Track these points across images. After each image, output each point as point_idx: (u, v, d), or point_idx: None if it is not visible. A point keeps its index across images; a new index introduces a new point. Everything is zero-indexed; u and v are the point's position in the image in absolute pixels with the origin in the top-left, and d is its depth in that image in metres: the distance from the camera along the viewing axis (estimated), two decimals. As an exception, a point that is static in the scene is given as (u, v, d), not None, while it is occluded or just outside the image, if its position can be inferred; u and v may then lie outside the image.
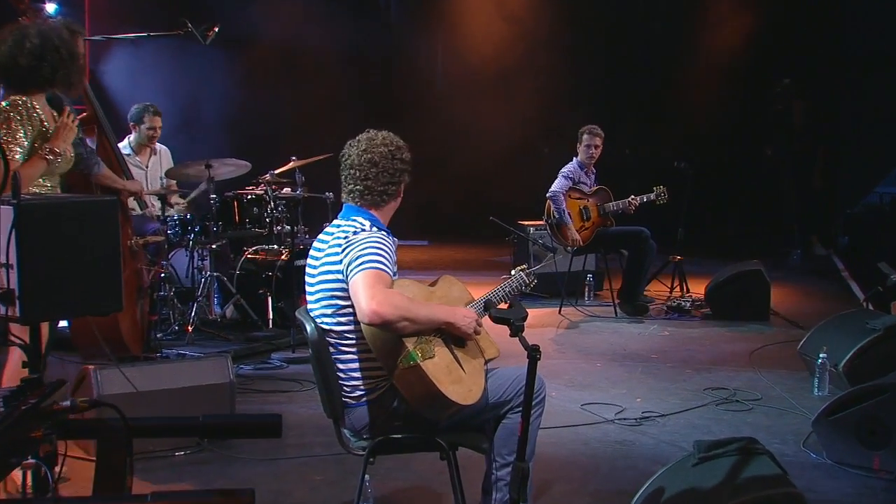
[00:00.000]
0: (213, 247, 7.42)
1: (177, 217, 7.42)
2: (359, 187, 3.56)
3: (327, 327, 3.48)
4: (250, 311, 7.46)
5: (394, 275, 3.37)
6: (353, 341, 3.44)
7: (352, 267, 3.31)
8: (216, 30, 7.24)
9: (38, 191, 4.40)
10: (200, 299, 7.30)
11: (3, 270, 2.47)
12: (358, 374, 3.45)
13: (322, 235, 3.60)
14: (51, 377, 2.22)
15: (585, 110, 12.18)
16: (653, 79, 13.89)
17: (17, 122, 4.25)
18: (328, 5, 12.87)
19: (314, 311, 3.53)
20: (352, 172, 3.58)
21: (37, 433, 1.72)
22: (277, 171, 7.77)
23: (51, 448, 1.79)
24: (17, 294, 2.44)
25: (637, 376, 6.56)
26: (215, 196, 7.33)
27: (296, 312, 3.61)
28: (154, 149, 7.69)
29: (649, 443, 5.16)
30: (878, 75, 12.52)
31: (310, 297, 3.56)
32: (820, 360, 5.97)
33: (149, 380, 4.78)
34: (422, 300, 3.42)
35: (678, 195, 8.98)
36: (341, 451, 4.43)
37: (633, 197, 8.66)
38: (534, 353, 2.96)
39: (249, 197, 7.65)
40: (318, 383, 3.52)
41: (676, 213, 9.10)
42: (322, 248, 3.53)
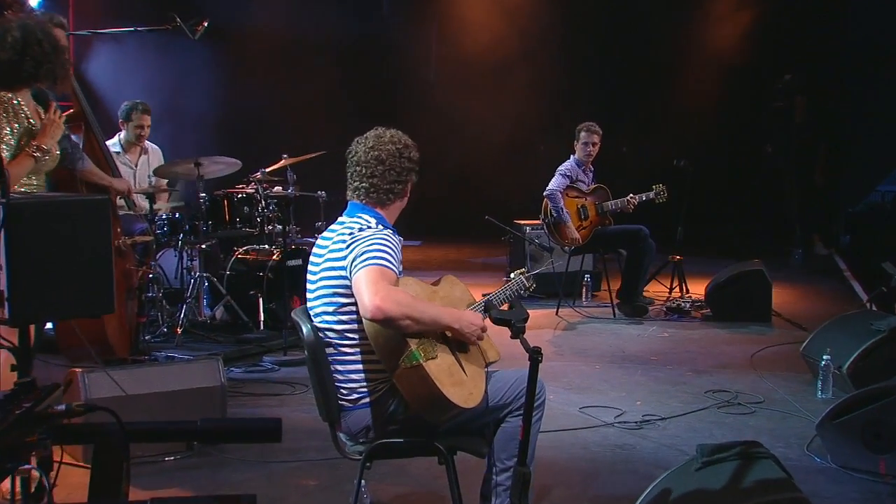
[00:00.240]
0: (203, 247, 7.40)
1: (165, 216, 7.40)
2: (364, 185, 3.57)
3: (327, 325, 3.47)
4: (241, 312, 7.44)
5: (399, 273, 3.37)
6: (354, 341, 3.43)
7: (356, 263, 3.31)
8: (205, 24, 7.22)
9: (23, 189, 4.38)
10: (190, 300, 7.28)
11: (-8, 271, 2.46)
12: (356, 376, 3.44)
13: (326, 233, 3.61)
14: (36, 381, 2.21)
15: (582, 107, 12.19)
16: (651, 74, 13.88)
17: (3, 119, 4.23)
18: (319, -1, 12.91)
19: (314, 308, 3.52)
20: (358, 170, 3.58)
21: (32, 438, 1.72)
22: (268, 170, 7.75)
23: (46, 453, 1.79)
24: (5, 295, 2.43)
25: (636, 379, 6.57)
26: (205, 195, 7.31)
27: (292, 313, 3.60)
28: (144, 147, 7.67)
29: (650, 447, 5.16)
30: (881, 70, 12.53)
31: (310, 294, 3.56)
32: (823, 362, 5.98)
33: (138, 383, 4.76)
34: (425, 299, 3.42)
35: (677, 193, 8.99)
36: (335, 456, 4.42)
37: (631, 195, 8.67)
38: (535, 355, 2.96)
39: (240, 196, 7.62)
40: (313, 386, 3.51)
41: (676, 211, 9.11)
42: (325, 245, 3.53)
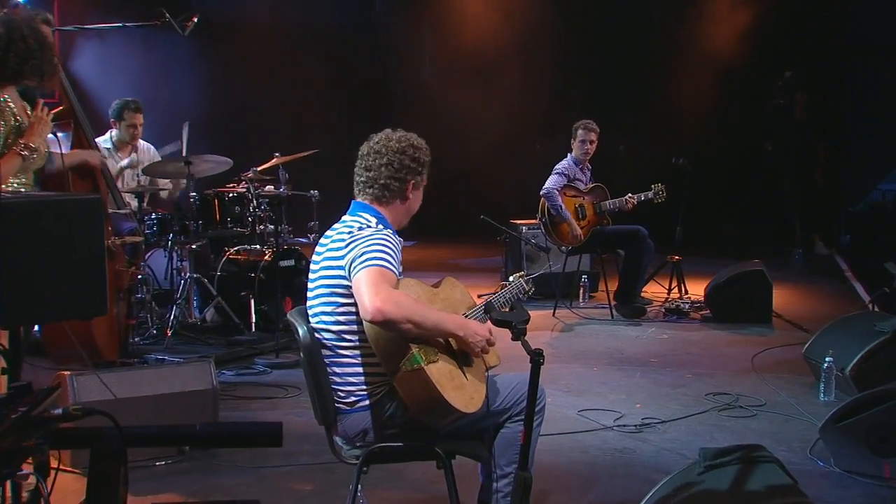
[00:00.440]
0: (193, 247, 7.39)
1: (154, 216, 7.39)
2: (363, 178, 3.59)
3: (324, 326, 3.46)
4: (232, 314, 7.44)
5: (399, 275, 3.36)
6: (352, 343, 3.42)
7: (355, 264, 3.30)
8: (195, 20, 7.19)
9: (12, 187, 4.36)
10: (179, 302, 7.27)
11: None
12: (354, 378, 3.43)
13: (328, 232, 3.60)
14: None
15: (579, 104, 12.22)
16: (650, 71, 13.90)
17: (-9, 117, 4.21)
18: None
19: (312, 308, 3.52)
20: (359, 163, 3.62)
21: (29, 442, 1.71)
22: (260, 168, 7.74)
23: (43, 458, 1.78)
24: (-4, 297, 2.42)
25: (636, 381, 6.57)
26: (195, 194, 7.30)
27: (287, 315, 3.59)
28: (136, 146, 7.65)
29: (650, 450, 5.16)
30: (882, 67, 12.55)
31: (309, 293, 3.55)
32: (826, 364, 5.98)
33: (128, 386, 4.75)
34: (425, 301, 3.41)
35: (676, 193, 8.99)
36: (329, 460, 4.42)
37: (630, 195, 8.68)
38: (537, 358, 2.96)
39: (231, 195, 7.60)
40: (309, 388, 3.50)
41: (674, 211, 9.12)
42: (325, 244, 3.53)
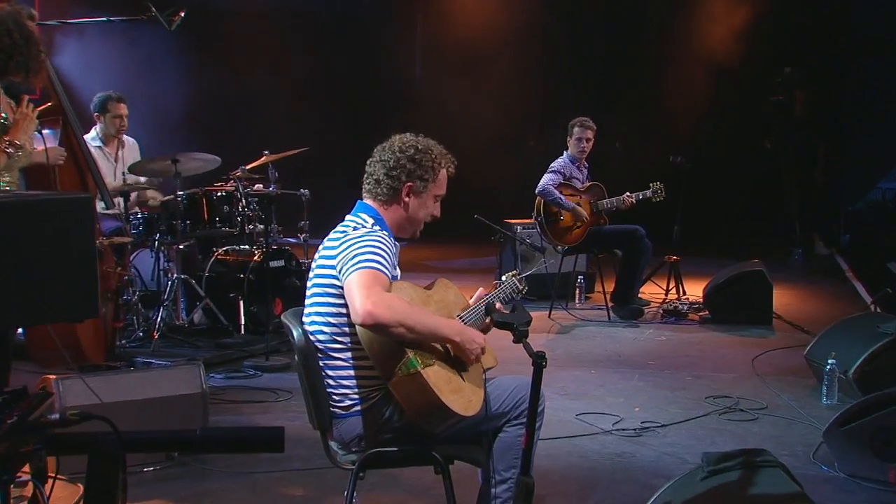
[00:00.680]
0: (181, 247, 7.37)
1: (141, 216, 7.36)
2: (365, 175, 3.62)
3: (318, 328, 3.45)
4: (220, 316, 7.41)
5: (393, 278, 3.35)
6: (345, 345, 3.41)
7: (348, 265, 3.29)
8: (182, 15, 7.19)
9: (-2, 186, 4.35)
10: (167, 304, 7.24)
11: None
12: (348, 381, 3.42)
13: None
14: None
15: (574, 101, 12.23)
16: (646, 67, 13.91)
17: (-26, 114, 4.20)
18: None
19: (307, 309, 3.51)
20: (367, 163, 3.62)
21: (27, 448, 1.70)
22: (249, 167, 7.72)
23: (40, 464, 1.77)
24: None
25: (634, 384, 6.58)
26: (182, 193, 7.28)
27: (282, 316, 3.58)
28: (122, 140, 7.61)
29: (650, 455, 5.16)
30: (883, 64, 12.60)
31: (308, 293, 3.55)
32: (828, 367, 5.99)
33: (115, 390, 4.73)
34: (419, 304, 3.41)
35: (674, 191, 9.00)
36: (322, 465, 4.43)
37: (628, 194, 8.67)
38: (539, 360, 2.96)
39: (219, 194, 7.57)
40: (304, 392, 3.49)
41: (672, 210, 9.13)
42: (323, 244, 3.53)
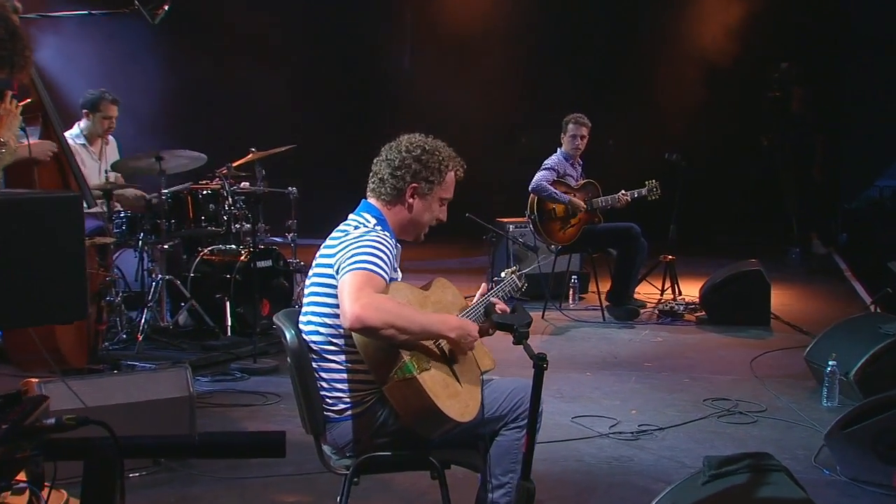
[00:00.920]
0: (165, 247, 7.34)
1: (124, 215, 7.33)
2: (370, 173, 3.62)
3: (314, 328, 3.44)
4: (206, 317, 7.40)
5: (390, 280, 3.34)
6: (340, 348, 3.40)
7: (344, 265, 3.28)
8: (166, 8, 7.15)
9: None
10: (151, 305, 7.20)
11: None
12: (343, 385, 3.41)
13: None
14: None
15: (566, 97, 12.22)
16: (640, 63, 13.92)
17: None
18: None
19: (304, 308, 3.51)
20: (373, 161, 3.63)
21: (23, 454, 1.69)
22: (235, 164, 7.71)
23: (38, 470, 1.76)
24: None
25: (630, 386, 6.59)
26: (167, 191, 7.25)
27: (274, 318, 3.57)
28: (107, 140, 7.59)
29: (648, 458, 5.16)
30: (883, 58, 12.63)
31: (305, 292, 3.54)
32: (829, 368, 6.01)
33: (99, 394, 4.70)
34: (416, 305, 3.40)
35: (670, 189, 9.02)
36: (312, 470, 4.42)
37: (623, 192, 8.68)
38: (540, 362, 2.95)
39: (205, 192, 7.56)
40: (297, 395, 3.48)
41: (667, 208, 9.15)
42: (325, 243, 3.52)
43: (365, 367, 3.33)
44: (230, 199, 7.55)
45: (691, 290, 9.33)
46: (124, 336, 7.12)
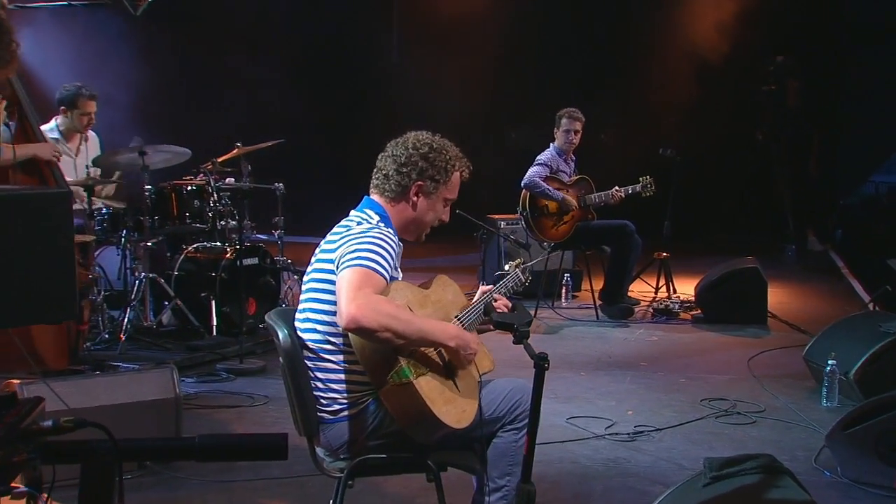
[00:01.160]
0: (148, 244, 7.33)
1: (105, 211, 7.30)
2: (374, 169, 3.61)
3: (311, 325, 3.43)
4: (191, 316, 7.37)
5: (390, 279, 3.32)
6: (338, 347, 3.38)
7: (344, 260, 3.27)
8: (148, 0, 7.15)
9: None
10: (134, 304, 7.19)
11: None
12: (338, 385, 3.39)
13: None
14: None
15: (557, 90, 12.23)
16: (633, 55, 13.92)
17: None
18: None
19: (301, 305, 3.50)
20: (378, 157, 3.62)
21: (20, 457, 1.67)
22: (220, 159, 7.70)
23: (35, 475, 1.74)
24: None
25: (626, 386, 6.60)
26: (150, 187, 7.23)
27: (266, 316, 3.55)
28: (85, 135, 7.56)
29: (645, 460, 5.17)
30: (880, 50, 12.67)
31: (303, 287, 3.53)
32: (828, 368, 6.01)
33: (82, 395, 4.67)
34: (416, 305, 3.38)
35: (664, 185, 9.02)
36: (303, 473, 4.42)
37: (616, 188, 8.68)
38: (541, 362, 2.94)
39: (189, 188, 7.54)
40: (289, 397, 3.46)
41: (661, 205, 9.15)
42: (325, 239, 3.51)
43: (362, 369, 3.31)
44: (215, 196, 7.54)
45: (686, 288, 9.35)
46: (106, 336, 7.10)
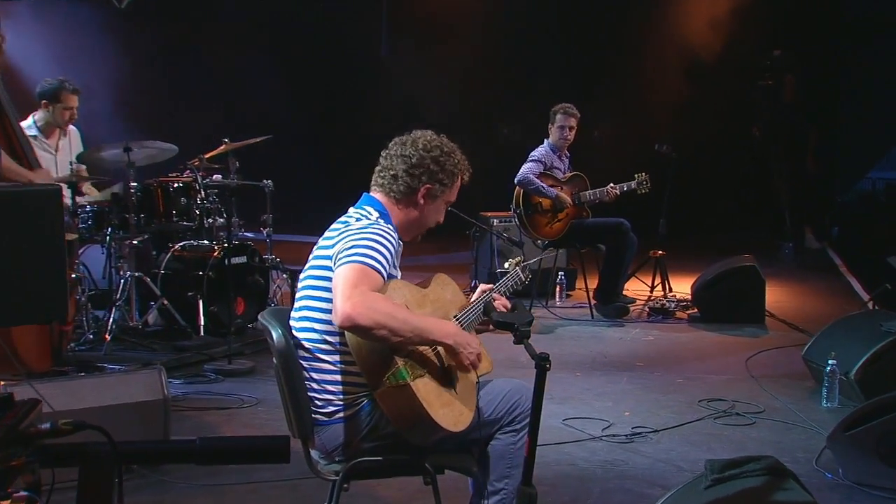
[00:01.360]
0: (134, 242, 7.30)
1: (90, 209, 7.27)
2: (378, 167, 3.61)
3: (308, 324, 3.41)
4: (178, 316, 7.36)
5: (388, 276, 3.31)
6: (334, 347, 3.37)
7: (341, 255, 3.26)
8: (134, -8, 7.12)
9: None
10: (119, 304, 7.16)
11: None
12: (334, 386, 3.38)
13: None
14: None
15: (550, 85, 12.23)
16: (627, 50, 13.93)
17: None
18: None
19: (297, 303, 3.49)
20: (382, 153, 3.62)
21: (19, 460, 1.66)
22: (208, 156, 7.67)
23: (34, 478, 1.73)
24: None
25: (622, 387, 6.60)
26: (136, 184, 7.20)
27: (259, 316, 3.54)
28: (65, 130, 7.52)
29: (644, 462, 5.17)
30: (877, 45, 12.70)
31: (299, 285, 3.52)
32: (828, 368, 6.02)
33: (68, 397, 4.66)
34: (414, 304, 3.37)
35: (659, 182, 9.02)
36: (295, 475, 4.40)
37: (611, 185, 8.68)
38: (542, 363, 2.94)
39: (176, 185, 7.52)
40: (283, 397, 3.45)
41: (657, 202, 9.16)
42: (323, 235, 3.50)
43: (358, 370, 3.30)
44: (202, 193, 7.52)
45: (682, 287, 9.36)
46: (91, 336, 7.08)
